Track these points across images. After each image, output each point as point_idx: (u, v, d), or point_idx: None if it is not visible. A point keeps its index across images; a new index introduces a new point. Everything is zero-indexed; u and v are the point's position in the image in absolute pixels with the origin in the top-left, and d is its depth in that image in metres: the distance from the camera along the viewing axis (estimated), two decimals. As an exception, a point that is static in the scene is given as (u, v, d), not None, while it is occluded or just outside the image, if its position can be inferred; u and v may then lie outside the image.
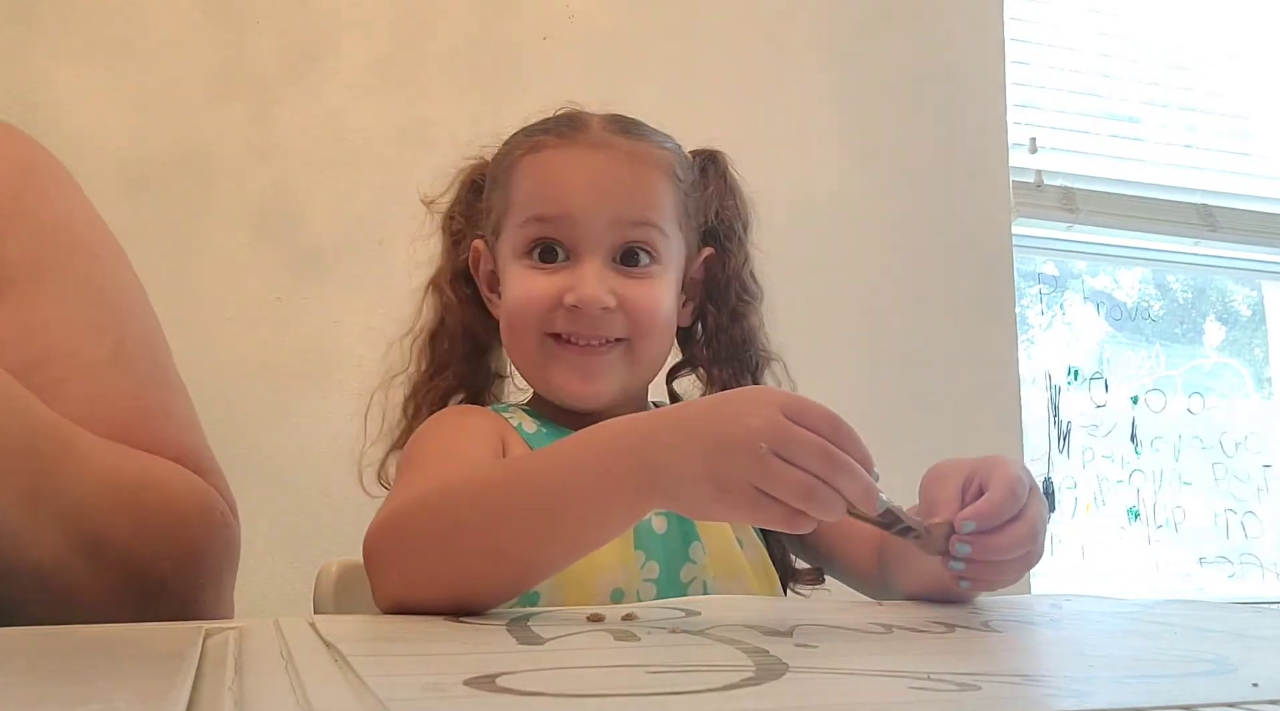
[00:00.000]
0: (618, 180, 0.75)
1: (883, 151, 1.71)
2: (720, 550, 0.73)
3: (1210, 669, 0.40)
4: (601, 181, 0.75)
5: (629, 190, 0.75)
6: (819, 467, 0.47)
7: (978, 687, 0.34)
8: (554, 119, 0.80)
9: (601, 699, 0.31)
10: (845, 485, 0.48)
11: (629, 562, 0.70)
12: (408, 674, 0.35)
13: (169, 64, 1.40)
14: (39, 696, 0.34)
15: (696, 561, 0.72)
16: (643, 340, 0.75)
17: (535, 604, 0.68)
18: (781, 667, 0.36)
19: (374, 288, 1.41)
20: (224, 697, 0.32)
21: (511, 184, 0.78)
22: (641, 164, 0.77)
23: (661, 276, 0.76)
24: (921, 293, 1.69)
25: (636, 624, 0.48)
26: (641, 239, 0.75)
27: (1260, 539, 1.99)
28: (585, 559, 0.66)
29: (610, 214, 0.74)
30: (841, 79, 1.71)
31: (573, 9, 1.58)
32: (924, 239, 1.71)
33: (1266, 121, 2.08)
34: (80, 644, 0.45)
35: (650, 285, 0.75)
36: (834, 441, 0.48)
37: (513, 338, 0.77)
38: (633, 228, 0.75)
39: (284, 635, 0.44)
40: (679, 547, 0.72)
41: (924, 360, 1.66)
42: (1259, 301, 2.12)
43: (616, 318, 0.74)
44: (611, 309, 0.73)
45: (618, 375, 0.75)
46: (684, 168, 0.80)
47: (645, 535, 0.71)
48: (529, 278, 0.75)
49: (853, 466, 0.48)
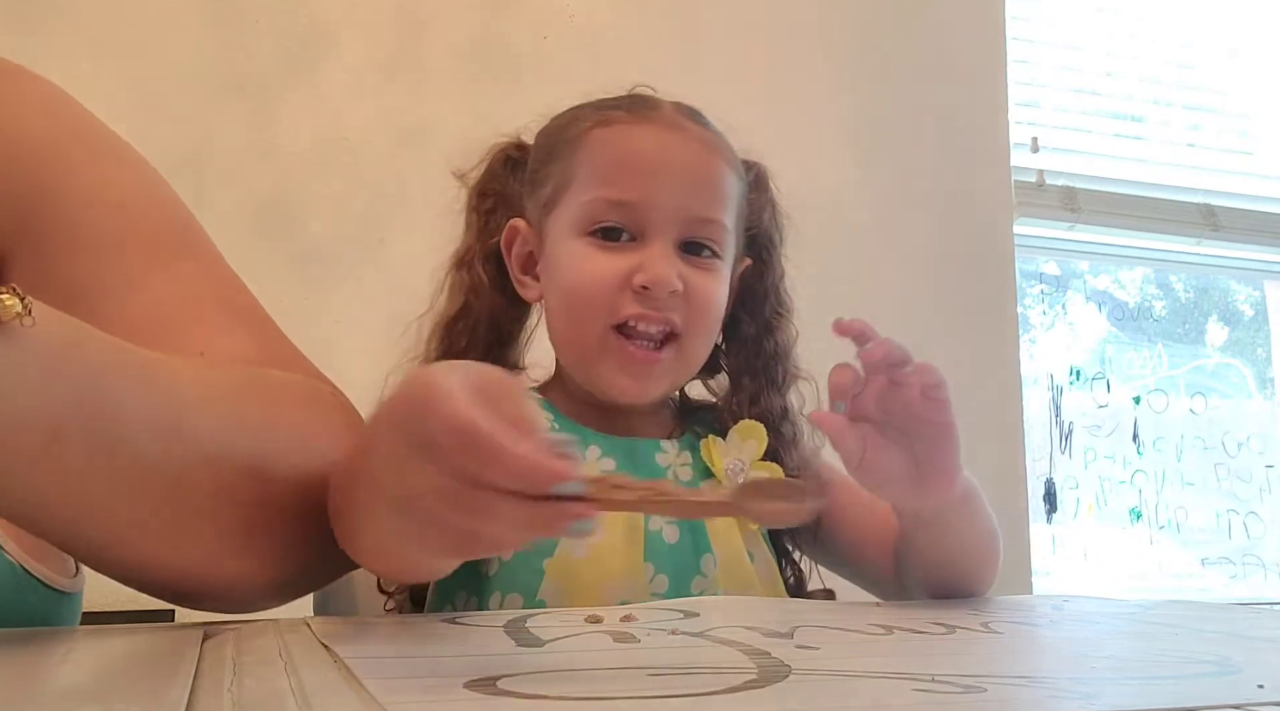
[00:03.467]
0: (692, 166, 0.72)
1: (884, 151, 1.71)
2: (730, 561, 0.71)
3: (1214, 670, 0.40)
4: (676, 164, 0.72)
5: (701, 179, 0.73)
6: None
7: (983, 689, 0.34)
8: (624, 97, 0.76)
9: (604, 701, 0.30)
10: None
11: (637, 574, 0.68)
12: (407, 676, 0.35)
13: (169, 64, 1.40)
14: (39, 696, 0.34)
15: (707, 573, 0.70)
16: (693, 335, 0.72)
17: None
18: (784, 670, 0.36)
19: (374, 287, 1.41)
20: (223, 698, 0.32)
21: (577, 156, 0.73)
22: (713, 154, 0.74)
23: (721, 272, 0.74)
24: (922, 292, 1.69)
25: (636, 625, 0.48)
26: (707, 232, 0.72)
27: (1263, 539, 1.99)
28: (594, 566, 0.66)
29: (683, 200, 0.71)
30: (842, 78, 1.71)
31: (573, 9, 1.58)
32: (925, 238, 1.71)
33: (1269, 121, 2.08)
34: (79, 644, 0.45)
35: (712, 278, 0.73)
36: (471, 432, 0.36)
37: (570, 320, 0.72)
38: (702, 220, 0.72)
39: (283, 636, 0.44)
40: (690, 559, 0.70)
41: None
42: (1261, 301, 2.12)
43: (679, 304, 0.71)
44: (678, 293, 0.70)
45: (669, 378, 0.73)
46: (741, 169, 0.77)
47: (655, 545, 0.69)
48: (593, 257, 0.71)
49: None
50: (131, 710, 0.30)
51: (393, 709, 0.28)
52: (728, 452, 0.73)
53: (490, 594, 0.68)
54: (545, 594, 0.66)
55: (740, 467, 0.72)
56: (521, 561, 0.67)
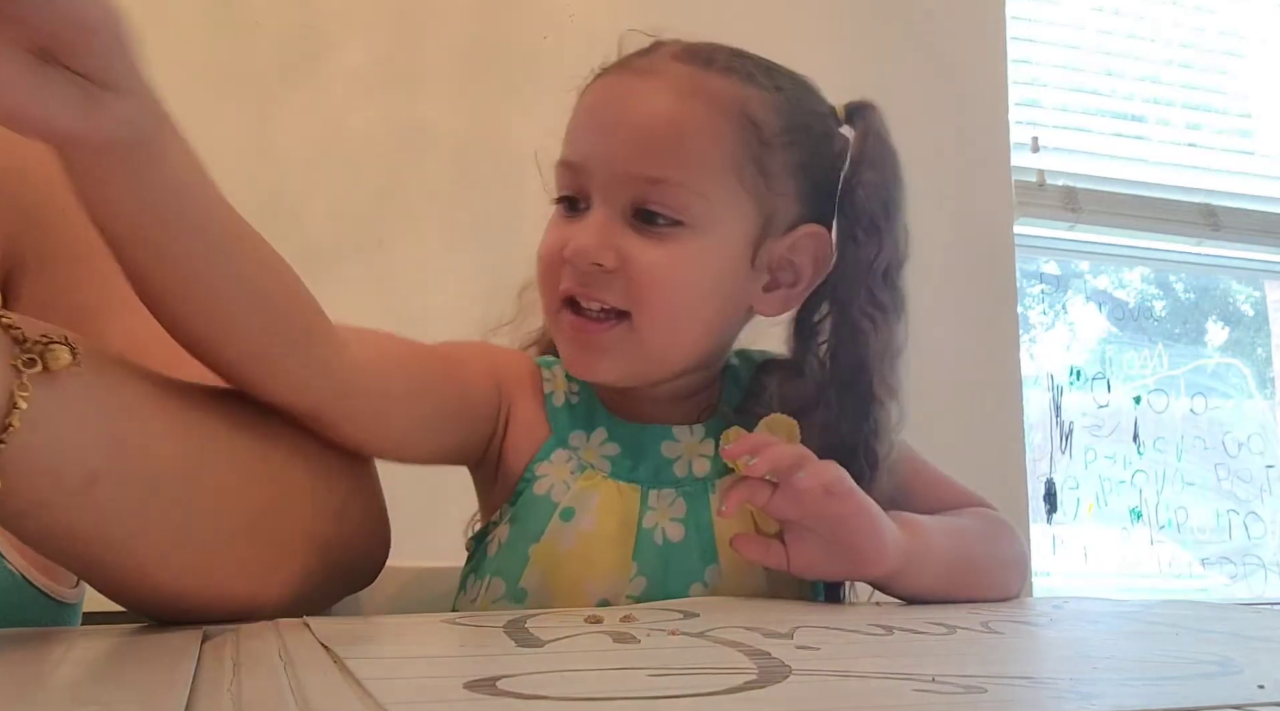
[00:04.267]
0: (646, 118, 0.62)
1: (884, 151, 1.71)
2: (736, 573, 0.64)
3: (1215, 670, 0.39)
4: (625, 118, 0.63)
5: (654, 132, 0.62)
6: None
7: (983, 690, 0.34)
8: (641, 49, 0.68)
9: (604, 702, 0.30)
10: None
11: (622, 573, 0.63)
12: (406, 676, 0.35)
13: (168, 63, 1.40)
14: (39, 696, 0.34)
15: (709, 583, 0.64)
16: (645, 315, 0.62)
17: (523, 601, 0.63)
18: (784, 670, 0.36)
19: (374, 287, 1.41)
20: (223, 698, 0.32)
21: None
22: (684, 97, 0.63)
23: (689, 241, 0.62)
24: (923, 292, 1.67)
25: (636, 626, 0.48)
26: (659, 196, 0.61)
27: (1263, 540, 1.99)
28: (579, 560, 0.63)
29: (625, 158, 0.62)
30: (842, 78, 1.69)
31: (573, 9, 1.57)
32: (925, 238, 1.70)
33: (1270, 121, 2.08)
34: (79, 645, 0.45)
35: (665, 249, 0.61)
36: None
37: (540, 294, 0.67)
38: (649, 180, 0.61)
39: (283, 636, 0.44)
40: (691, 564, 0.64)
41: (925, 360, 1.65)
42: (1261, 301, 2.12)
43: (616, 282, 0.62)
44: (610, 269, 0.61)
45: (620, 356, 0.63)
46: (773, 111, 0.65)
47: (645, 545, 0.63)
48: (552, 228, 0.66)
49: None
50: (131, 710, 0.30)
51: (394, 709, 0.28)
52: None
53: (483, 577, 0.65)
54: (527, 582, 0.63)
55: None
56: (510, 545, 0.65)
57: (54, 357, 0.40)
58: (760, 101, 0.65)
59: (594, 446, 0.67)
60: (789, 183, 0.66)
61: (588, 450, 0.66)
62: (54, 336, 0.41)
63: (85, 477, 0.42)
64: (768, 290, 0.67)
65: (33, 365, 0.40)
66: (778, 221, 0.66)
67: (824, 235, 0.67)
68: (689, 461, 0.67)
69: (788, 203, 0.66)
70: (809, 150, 0.67)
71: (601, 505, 0.64)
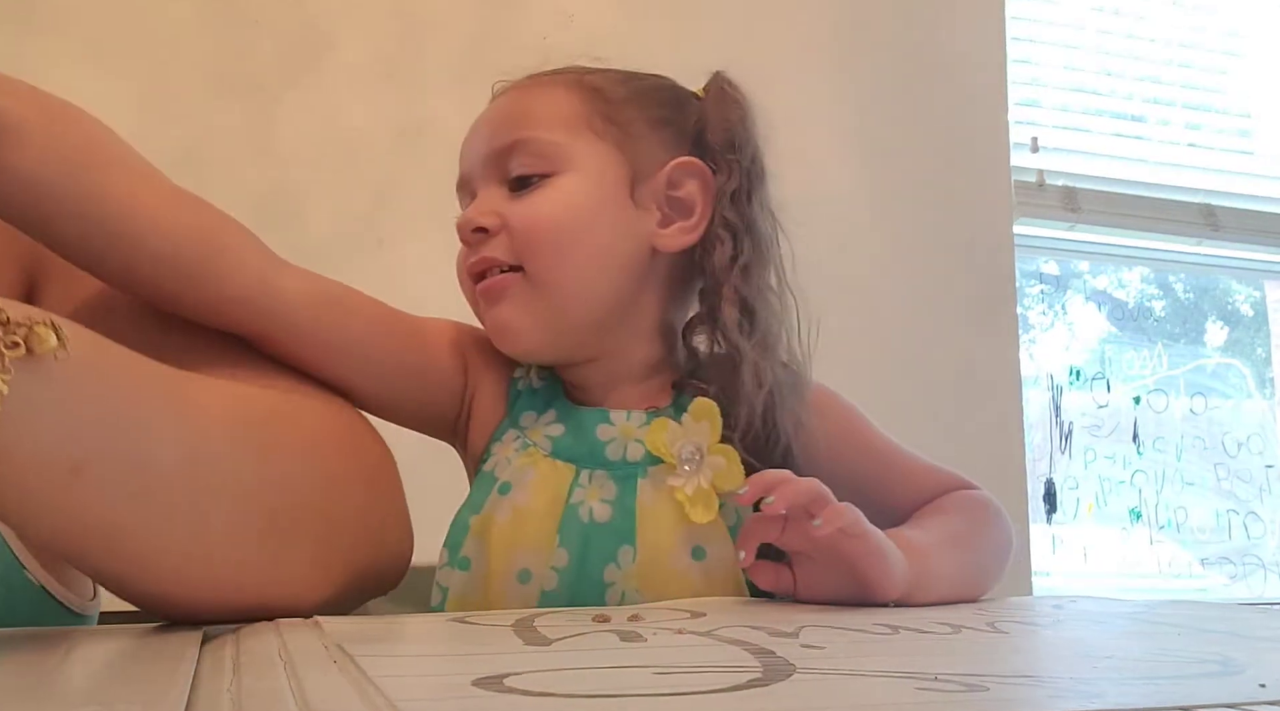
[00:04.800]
0: (493, 111, 0.71)
1: (883, 151, 1.71)
2: (653, 559, 0.64)
3: (1216, 670, 0.39)
4: (479, 122, 0.71)
5: (500, 116, 0.70)
6: None
7: (985, 688, 0.34)
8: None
9: (611, 699, 0.30)
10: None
11: (546, 547, 0.64)
12: (416, 674, 0.35)
13: (168, 63, 1.40)
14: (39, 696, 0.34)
15: (622, 566, 0.64)
16: (534, 260, 0.66)
17: (466, 568, 0.65)
18: (789, 668, 0.36)
19: (374, 287, 1.40)
20: (222, 698, 0.32)
21: None
22: (525, 90, 0.71)
23: (558, 185, 0.67)
24: (922, 293, 1.69)
25: (642, 625, 0.48)
26: (517, 157, 0.67)
27: (1263, 540, 1.99)
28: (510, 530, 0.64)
29: (485, 143, 0.69)
30: (842, 78, 1.70)
31: (573, 9, 1.57)
32: (924, 239, 1.71)
33: (1269, 121, 2.08)
34: (79, 644, 0.45)
35: (539, 199, 0.67)
36: None
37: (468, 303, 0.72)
38: (503, 149, 0.68)
39: (282, 636, 0.44)
40: (608, 544, 0.64)
41: (924, 360, 1.66)
42: (1261, 301, 2.12)
43: (499, 240, 0.67)
44: (494, 230, 0.67)
45: (524, 307, 0.66)
46: (616, 83, 0.71)
47: (570, 521, 0.65)
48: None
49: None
50: (132, 710, 0.30)
51: (404, 706, 0.28)
52: (682, 435, 0.65)
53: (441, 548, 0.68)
54: (468, 551, 0.65)
55: (695, 453, 0.65)
56: (457, 517, 0.67)
57: (38, 340, 0.39)
58: (600, 78, 0.71)
59: (540, 427, 0.69)
60: (649, 133, 0.70)
61: (534, 430, 0.69)
62: (38, 319, 0.40)
63: (69, 467, 0.41)
64: (664, 226, 0.70)
65: (15, 348, 0.39)
66: (648, 162, 0.70)
67: (698, 163, 0.71)
68: (624, 445, 0.67)
69: (651, 147, 0.70)
70: (663, 108, 0.72)
71: (535, 481, 0.66)
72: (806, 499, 0.59)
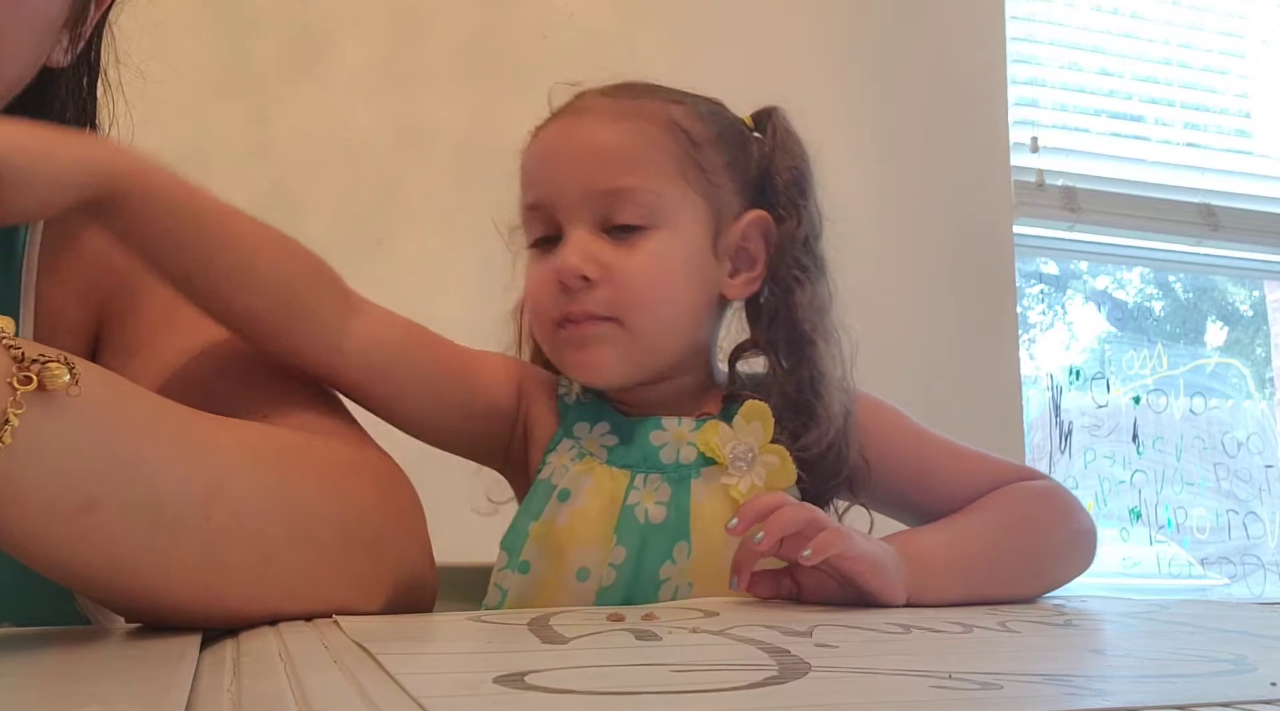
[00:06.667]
0: (588, 143, 0.70)
1: (883, 151, 1.71)
2: (709, 554, 0.66)
3: (1229, 668, 0.39)
4: (571, 148, 0.70)
5: (600, 151, 0.69)
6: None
7: (999, 686, 0.34)
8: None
9: (630, 696, 0.31)
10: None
11: (604, 547, 0.67)
12: (438, 672, 0.36)
13: (168, 64, 1.40)
14: (39, 696, 0.34)
15: (678, 561, 0.67)
16: (634, 315, 0.68)
17: (526, 572, 0.68)
18: (804, 667, 0.36)
19: (373, 288, 1.39)
20: (222, 698, 0.32)
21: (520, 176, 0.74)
22: (619, 120, 0.70)
23: (658, 240, 0.69)
24: (922, 292, 1.69)
25: (657, 624, 0.48)
26: (621, 203, 0.68)
27: (1262, 539, 1.99)
28: (569, 533, 0.67)
29: (581, 180, 0.69)
30: (842, 78, 1.70)
31: (573, 9, 1.57)
32: (924, 238, 1.71)
33: (1269, 121, 2.08)
34: (79, 645, 0.45)
35: (642, 254, 0.68)
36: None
37: (536, 333, 0.73)
38: (608, 192, 0.68)
39: (283, 636, 0.44)
40: (664, 542, 0.67)
41: (924, 360, 1.66)
42: (1260, 301, 2.12)
43: (600, 293, 0.67)
44: (594, 281, 0.67)
45: (615, 347, 0.68)
46: (698, 121, 0.72)
47: (628, 522, 0.67)
48: (531, 272, 0.72)
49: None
50: (132, 710, 0.30)
51: (428, 704, 0.28)
52: (733, 437, 0.68)
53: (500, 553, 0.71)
54: (527, 555, 0.68)
55: (748, 453, 0.68)
56: (515, 523, 0.70)
57: (51, 376, 0.40)
58: (684, 113, 0.72)
59: (595, 437, 0.71)
60: (726, 180, 0.73)
61: (589, 440, 0.71)
62: (52, 356, 0.41)
63: (83, 502, 0.42)
64: (732, 276, 0.73)
65: (28, 383, 0.39)
66: (726, 213, 0.73)
67: (766, 218, 0.75)
68: (677, 449, 0.70)
69: (729, 196, 0.73)
70: (734, 150, 0.75)
71: (593, 488, 0.69)
72: (795, 528, 0.60)
